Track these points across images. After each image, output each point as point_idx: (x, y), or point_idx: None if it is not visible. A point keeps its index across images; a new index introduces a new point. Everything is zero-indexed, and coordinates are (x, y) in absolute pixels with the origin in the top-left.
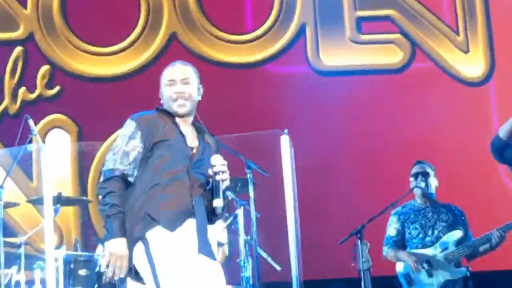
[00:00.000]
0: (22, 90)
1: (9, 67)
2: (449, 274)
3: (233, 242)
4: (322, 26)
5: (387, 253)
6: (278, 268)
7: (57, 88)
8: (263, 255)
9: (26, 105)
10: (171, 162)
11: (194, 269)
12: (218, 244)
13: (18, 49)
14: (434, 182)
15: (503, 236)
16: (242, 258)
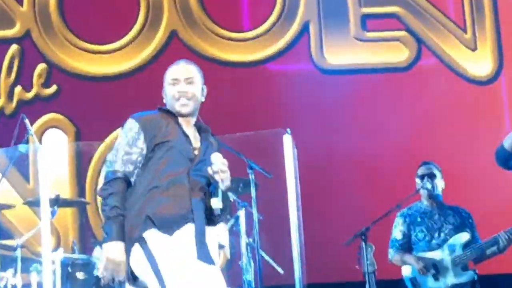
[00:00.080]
0: (18, 89)
1: (5, 66)
2: (456, 277)
3: (234, 244)
4: (326, 24)
5: (393, 256)
6: (281, 271)
7: (54, 87)
8: (266, 258)
9: (23, 104)
10: (172, 164)
11: (192, 274)
12: (219, 246)
13: (14, 47)
14: (440, 184)
15: (511, 239)
16: (244, 261)
